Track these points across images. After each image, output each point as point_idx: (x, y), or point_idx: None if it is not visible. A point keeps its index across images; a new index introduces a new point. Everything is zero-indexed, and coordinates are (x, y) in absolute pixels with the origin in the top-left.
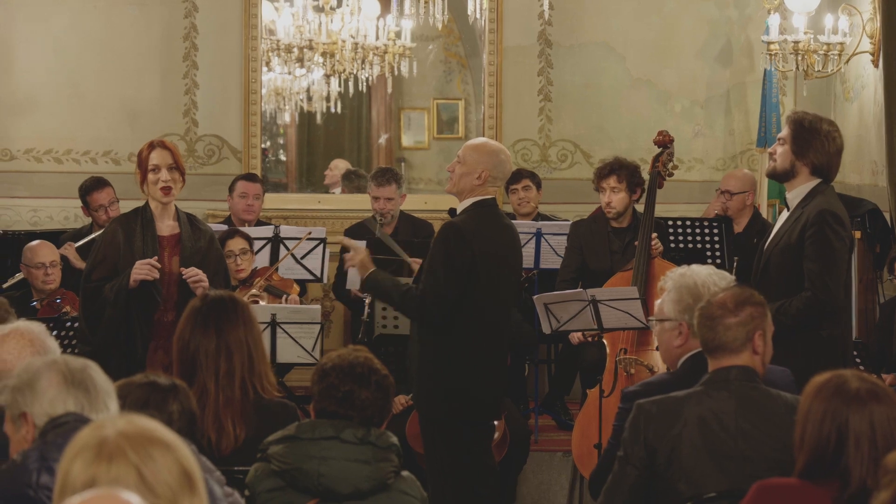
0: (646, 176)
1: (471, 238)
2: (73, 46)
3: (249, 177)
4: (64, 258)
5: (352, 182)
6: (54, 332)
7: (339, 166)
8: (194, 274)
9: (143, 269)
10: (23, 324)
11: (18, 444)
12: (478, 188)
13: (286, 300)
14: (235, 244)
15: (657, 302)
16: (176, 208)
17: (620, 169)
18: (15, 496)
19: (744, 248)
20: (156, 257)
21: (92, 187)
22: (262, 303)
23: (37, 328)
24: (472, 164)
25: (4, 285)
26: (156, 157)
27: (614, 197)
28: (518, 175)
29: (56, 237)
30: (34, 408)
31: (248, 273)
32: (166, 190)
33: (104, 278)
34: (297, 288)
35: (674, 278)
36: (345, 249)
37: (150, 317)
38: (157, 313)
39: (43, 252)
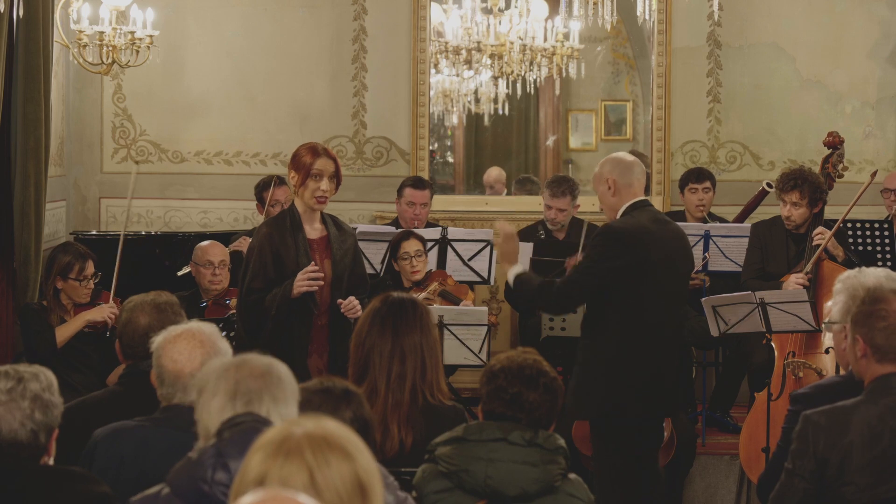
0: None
1: (626, 238)
2: (244, 50)
3: (417, 184)
4: (238, 253)
5: (524, 187)
6: (224, 333)
7: (492, 174)
8: (352, 307)
9: (306, 282)
10: (195, 324)
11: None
12: (620, 197)
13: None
14: (411, 246)
15: (827, 304)
16: (321, 212)
17: (804, 184)
18: (190, 491)
19: None
20: (313, 264)
21: (270, 184)
22: (435, 306)
23: (208, 329)
24: (599, 179)
25: (179, 273)
26: (321, 165)
27: (795, 212)
28: (701, 175)
29: (225, 238)
30: (202, 415)
31: (423, 275)
32: (322, 199)
33: (263, 289)
34: (472, 294)
35: (843, 281)
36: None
37: (310, 323)
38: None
39: (213, 252)
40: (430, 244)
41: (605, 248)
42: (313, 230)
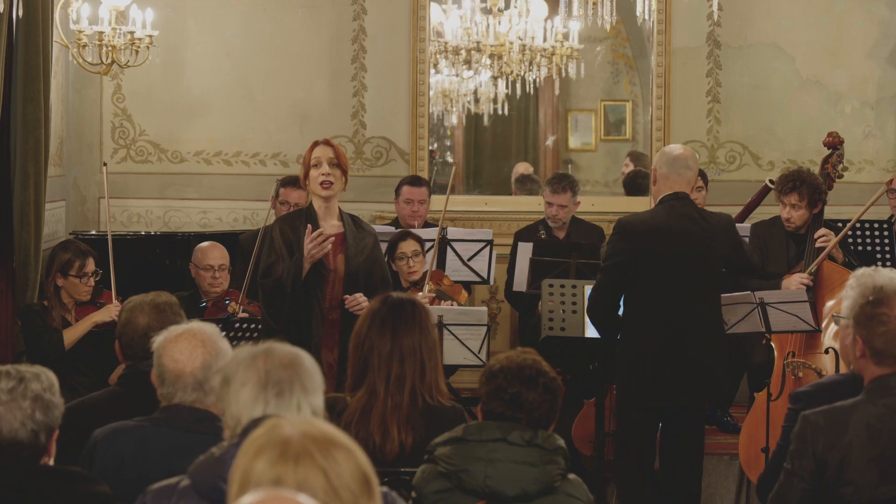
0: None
1: (629, 231)
2: (243, 50)
3: (415, 181)
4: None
5: (524, 186)
6: (223, 333)
7: (519, 169)
8: (356, 304)
9: (313, 245)
10: (196, 324)
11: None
12: (659, 187)
13: (450, 304)
14: (408, 246)
15: (829, 303)
16: (339, 209)
17: (803, 186)
18: (210, 488)
19: None
20: (310, 228)
21: (291, 182)
22: (433, 306)
23: (209, 329)
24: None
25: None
26: (318, 152)
27: (794, 213)
28: None
29: (225, 238)
30: (231, 406)
31: (420, 275)
32: (326, 184)
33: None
34: (465, 295)
35: (858, 277)
36: (514, 250)
37: (321, 317)
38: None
39: (213, 255)
40: (429, 244)
41: (610, 244)
42: (330, 227)
